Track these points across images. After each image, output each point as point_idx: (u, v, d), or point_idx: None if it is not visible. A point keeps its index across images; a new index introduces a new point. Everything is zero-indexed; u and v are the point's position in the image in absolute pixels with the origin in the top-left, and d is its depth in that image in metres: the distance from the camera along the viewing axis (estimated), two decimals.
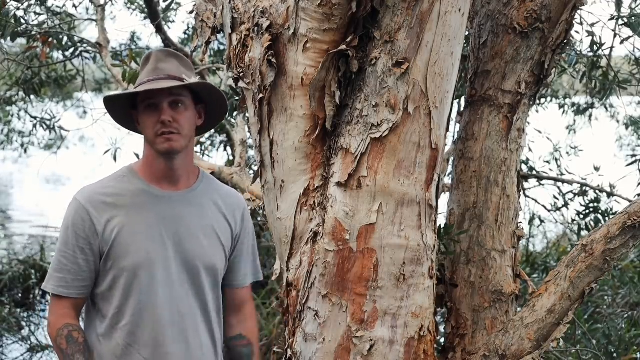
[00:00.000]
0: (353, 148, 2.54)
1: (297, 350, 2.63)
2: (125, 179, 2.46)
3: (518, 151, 2.94)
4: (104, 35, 5.56)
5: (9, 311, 7.63)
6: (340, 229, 2.54)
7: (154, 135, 2.38)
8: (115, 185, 2.44)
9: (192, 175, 2.51)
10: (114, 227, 2.38)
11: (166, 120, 2.35)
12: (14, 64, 6.16)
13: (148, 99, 2.38)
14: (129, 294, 2.39)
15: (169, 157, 2.41)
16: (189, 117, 2.42)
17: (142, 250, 2.38)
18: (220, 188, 2.62)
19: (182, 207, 2.46)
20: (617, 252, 2.67)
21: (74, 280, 2.38)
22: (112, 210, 2.39)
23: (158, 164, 2.43)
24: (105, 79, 9.51)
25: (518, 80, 2.88)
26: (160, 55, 2.46)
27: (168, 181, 2.45)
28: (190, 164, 2.50)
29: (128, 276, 2.38)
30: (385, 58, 2.51)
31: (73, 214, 2.40)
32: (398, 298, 2.55)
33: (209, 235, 2.49)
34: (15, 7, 5.14)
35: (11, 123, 9.31)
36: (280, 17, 2.59)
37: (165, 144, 2.37)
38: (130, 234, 2.39)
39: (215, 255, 2.51)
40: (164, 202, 2.44)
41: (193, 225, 2.46)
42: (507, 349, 2.74)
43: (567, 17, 2.84)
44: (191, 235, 2.45)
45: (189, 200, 2.48)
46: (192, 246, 2.45)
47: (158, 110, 2.37)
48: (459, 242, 2.91)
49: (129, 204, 2.41)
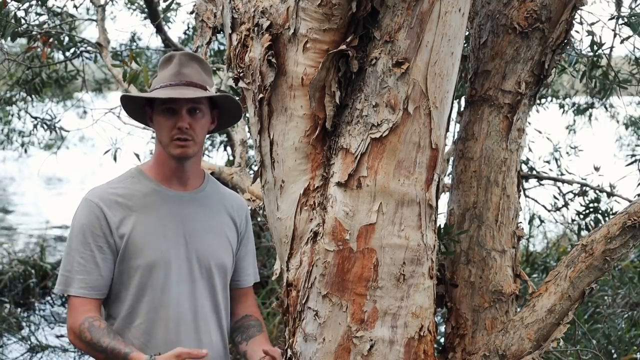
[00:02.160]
0: (353, 148, 2.54)
1: (297, 350, 2.64)
2: (135, 179, 2.47)
3: (518, 151, 2.94)
4: (104, 35, 5.56)
5: (9, 311, 7.63)
6: (340, 229, 2.54)
7: (169, 139, 2.41)
8: (125, 185, 2.45)
9: (199, 176, 2.54)
10: (127, 226, 2.39)
11: (184, 127, 2.38)
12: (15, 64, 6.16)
13: (168, 103, 2.40)
14: (143, 293, 2.39)
15: (181, 161, 2.44)
16: (205, 124, 2.45)
17: (156, 249, 2.39)
18: (223, 189, 2.64)
19: (192, 206, 2.48)
20: (617, 252, 2.67)
21: (95, 281, 2.38)
22: (124, 210, 2.40)
23: (169, 165, 2.46)
24: (105, 79, 9.51)
25: (518, 80, 2.88)
26: (183, 58, 2.47)
27: (177, 181, 2.47)
28: (198, 166, 2.53)
29: (142, 275, 2.39)
30: (385, 58, 2.51)
31: (87, 213, 2.39)
32: (398, 298, 2.55)
33: (218, 234, 2.51)
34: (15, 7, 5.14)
35: (11, 123, 9.31)
36: (280, 17, 2.59)
37: (179, 149, 2.40)
38: (143, 234, 2.39)
39: (225, 254, 2.53)
40: (174, 201, 2.45)
41: (203, 224, 2.48)
42: (507, 349, 2.74)
43: (567, 17, 2.84)
44: (202, 235, 2.47)
45: (198, 200, 2.49)
46: (204, 245, 2.47)
47: (175, 115, 2.40)
48: (459, 242, 2.91)
49: (140, 203, 2.42)
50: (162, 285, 2.40)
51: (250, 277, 2.69)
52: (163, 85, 2.42)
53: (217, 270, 2.50)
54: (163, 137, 2.42)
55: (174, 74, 2.43)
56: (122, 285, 2.40)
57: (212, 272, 2.49)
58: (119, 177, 2.51)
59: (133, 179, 2.48)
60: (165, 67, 2.48)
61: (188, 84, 2.42)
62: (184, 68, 2.45)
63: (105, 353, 2.28)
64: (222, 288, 2.52)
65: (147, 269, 2.39)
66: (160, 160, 2.47)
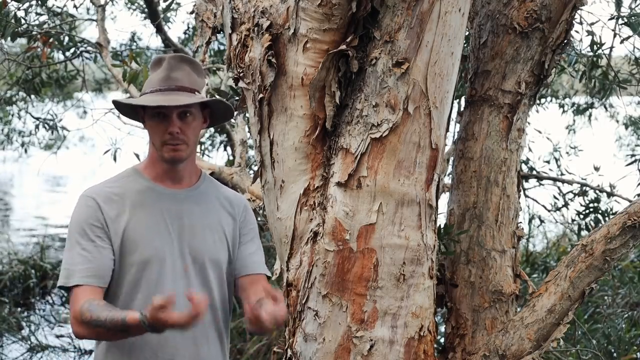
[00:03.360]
0: (353, 148, 2.54)
1: (297, 350, 2.63)
2: (130, 178, 2.49)
3: (518, 151, 2.94)
4: (104, 35, 5.56)
5: (9, 311, 7.63)
6: (340, 229, 2.54)
7: (160, 144, 2.41)
8: (120, 184, 2.48)
9: (195, 175, 2.54)
10: (121, 223, 2.41)
11: (174, 132, 2.39)
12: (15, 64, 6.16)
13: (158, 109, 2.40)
14: (137, 289, 2.40)
15: (174, 164, 2.45)
16: (196, 126, 2.45)
17: (149, 246, 2.41)
18: (221, 187, 2.64)
19: (186, 204, 2.49)
20: (617, 252, 2.67)
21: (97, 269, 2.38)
22: (119, 207, 2.42)
23: (162, 165, 2.47)
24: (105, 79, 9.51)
25: (518, 80, 2.88)
26: (172, 62, 2.47)
27: (172, 180, 2.49)
28: (193, 165, 2.53)
29: (136, 271, 2.40)
30: (385, 58, 2.51)
31: (84, 208, 2.42)
32: (398, 298, 2.55)
33: (213, 230, 2.51)
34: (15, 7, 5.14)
35: (11, 123, 9.31)
36: (280, 17, 2.59)
37: (171, 152, 2.41)
38: (137, 230, 2.41)
39: (220, 250, 2.53)
40: (168, 198, 2.47)
41: (197, 221, 2.49)
42: (507, 349, 2.74)
43: (567, 17, 2.84)
44: (196, 231, 2.48)
45: (193, 197, 2.50)
46: (198, 241, 2.47)
47: (166, 120, 2.40)
48: (459, 242, 2.91)
49: (134, 201, 2.44)
50: (155, 281, 2.41)
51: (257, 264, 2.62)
52: (153, 90, 2.43)
53: (211, 265, 2.50)
54: (155, 141, 2.44)
55: (163, 79, 2.44)
56: (116, 281, 2.42)
57: (206, 268, 2.49)
58: (115, 176, 2.53)
59: (128, 177, 2.50)
60: (155, 70, 2.48)
61: (178, 89, 2.42)
62: (174, 72, 2.45)
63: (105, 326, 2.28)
64: (217, 284, 2.52)
65: (142, 265, 2.40)
66: (153, 161, 2.49)
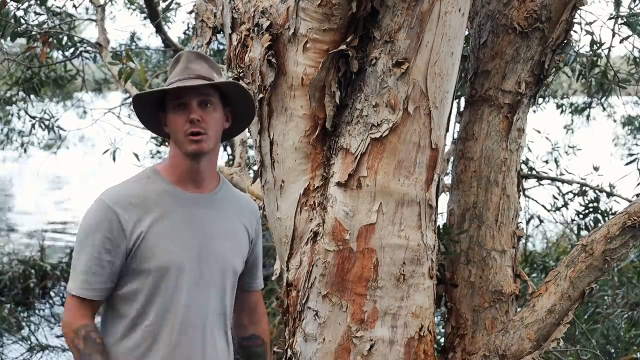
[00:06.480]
0: (353, 148, 2.54)
1: (297, 350, 2.64)
2: (150, 180, 2.46)
3: (518, 151, 2.94)
4: (103, 35, 5.56)
5: (9, 311, 7.62)
6: (340, 229, 2.54)
7: (183, 135, 2.39)
8: (140, 186, 2.44)
9: (214, 178, 2.52)
10: (141, 228, 2.38)
11: (195, 119, 2.37)
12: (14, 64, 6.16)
13: (177, 99, 2.40)
14: (155, 295, 2.39)
15: (196, 159, 2.42)
16: (217, 118, 2.43)
17: (169, 252, 2.39)
18: (236, 192, 2.62)
19: (206, 209, 2.46)
20: (617, 252, 2.67)
21: (97, 282, 2.38)
22: (138, 211, 2.39)
23: (184, 165, 2.44)
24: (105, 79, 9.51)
25: (518, 80, 2.89)
26: (190, 56, 2.47)
27: (192, 183, 2.46)
28: (214, 167, 2.51)
29: (155, 277, 2.38)
30: (385, 58, 2.51)
31: (100, 215, 2.39)
32: (398, 298, 2.55)
33: (230, 238, 2.50)
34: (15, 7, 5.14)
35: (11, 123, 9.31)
36: (280, 17, 2.59)
37: (193, 145, 2.38)
38: (157, 235, 2.38)
39: (236, 258, 2.52)
40: (189, 204, 2.44)
41: (217, 228, 2.47)
42: (507, 349, 2.74)
43: (567, 17, 2.84)
44: (215, 238, 2.46)
45: (213, 203, 2.48)
46: (217, 249, 2.46)
47: (187, 109, 2.39)
48: (459, 242, 2.91)
49: (154, 205, 2.41)
50: (173, 288, 2.39)
51: (260, 280, 2.68)
52: (172, 82, 2.43)
53: (228, 274, 2.49)
54: (177, 134, 2.41)
55: (181, 70, 2.44)
56: (134, 286, 2.40)
57: (224, 276, 2.48)
58: (135, 176, 2.50)
59: (148, 179, 2.46)
60: (174, 67, 2.49)
61: (196, 77, 2.42)
62: (191, 64, 2.45)
63: None
64: (230, 291, 2.52)
65: (160, 271, 2.38)
66: (176, 162, 2.46)
